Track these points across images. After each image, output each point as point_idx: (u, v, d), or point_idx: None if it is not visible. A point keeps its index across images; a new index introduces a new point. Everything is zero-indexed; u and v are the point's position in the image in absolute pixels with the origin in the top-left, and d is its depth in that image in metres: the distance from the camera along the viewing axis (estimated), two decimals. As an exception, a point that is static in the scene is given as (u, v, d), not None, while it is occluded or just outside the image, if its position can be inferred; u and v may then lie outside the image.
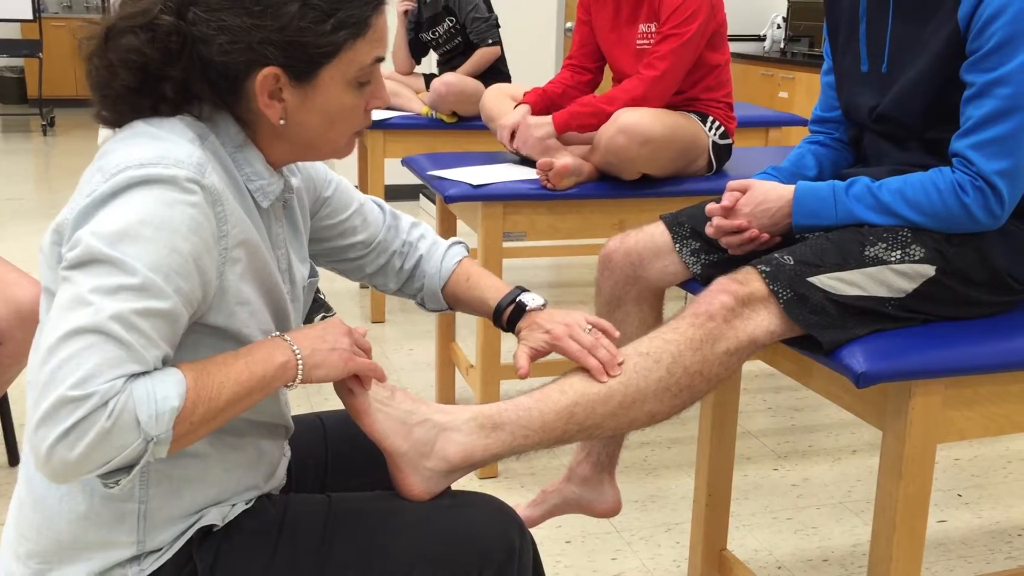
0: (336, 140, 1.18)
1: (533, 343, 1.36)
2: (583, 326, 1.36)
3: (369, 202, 1.45)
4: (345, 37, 1.10)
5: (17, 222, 5.02)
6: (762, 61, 6.10)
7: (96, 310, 0.94)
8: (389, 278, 1.47)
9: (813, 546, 2.30)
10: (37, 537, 1.12)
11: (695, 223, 1.72)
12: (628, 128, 2.38)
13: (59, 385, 0.92)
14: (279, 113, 1.12)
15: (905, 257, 1.46)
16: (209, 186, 1.04)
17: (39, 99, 7.96)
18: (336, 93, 1.13)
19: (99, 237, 0.98)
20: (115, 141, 1.09)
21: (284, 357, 1.09)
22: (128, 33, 1.08)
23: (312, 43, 1.09)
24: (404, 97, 3.82)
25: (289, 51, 1.08)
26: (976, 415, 1.45)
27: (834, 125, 1.80)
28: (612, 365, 1.36)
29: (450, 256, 1.47)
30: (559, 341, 1.35)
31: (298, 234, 1.30)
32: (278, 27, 1.07)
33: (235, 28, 1.06)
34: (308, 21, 1.08)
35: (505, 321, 1.41)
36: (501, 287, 1.43)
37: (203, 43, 1.08)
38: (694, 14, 2.45)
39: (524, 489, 2.51)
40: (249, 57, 1.08)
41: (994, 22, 1.42)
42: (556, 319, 1.37)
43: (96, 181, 1.03)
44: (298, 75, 1.10)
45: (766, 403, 3.13)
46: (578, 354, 1.35)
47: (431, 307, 1.50)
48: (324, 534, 1.17)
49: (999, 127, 1.43)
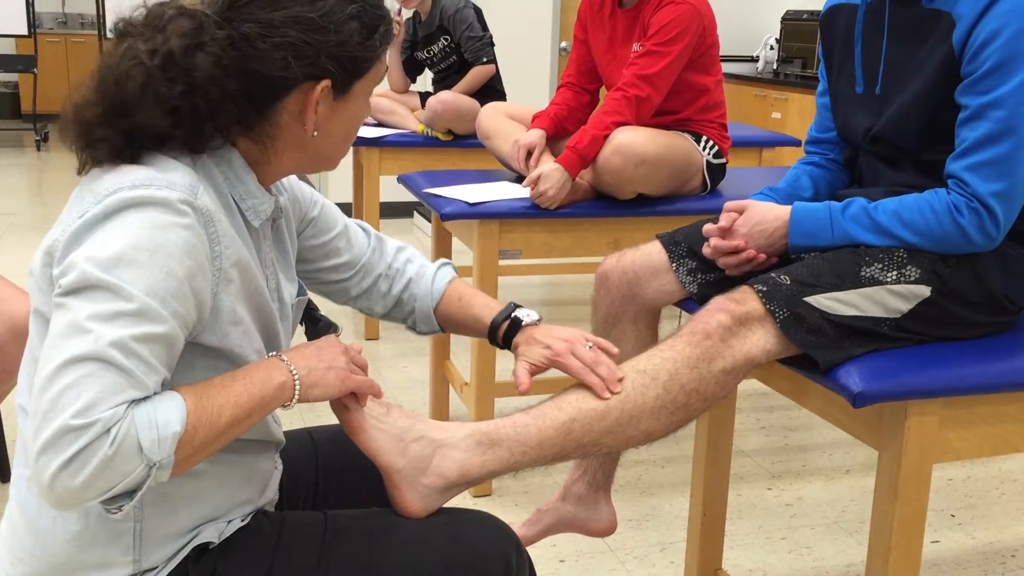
0: (345, 150, 1.22)
1: (532, 358, 1.35)
2: (584, 342, 1.36)
3: (353, 225, 1.46)
4: (380, 51, 1.16)
5: (11, 237, 5.01)
6: (755, 82, 6.13)
7: (95, 337, 0.94)
8: (374, 302, 1.47)
9: (807, 566, 2.29)
10: (31, 559, 1.10)
11: (692, 242, 1.73)
12: (623, 148, 2.38)
13: (60, 414, 0.91)
14: (314, 126, 1.14)
15: (901, 278, 1.47)
16: (202, 207, 1.04)
17: (33, 114, 7.96)
18: (360, 104, 1.18)
19: (94, 262, 0.97)
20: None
21: (282, 378, 1.09)
22: (196, 49, 1.06)
23: (361, 57, 1.13)
24: (399, 115, 3.84)
25: (344, 64, 1.12)
26: (972, 435, 1.46)
27: (829, 146, 1.81)
28: (613, 382, 1.36)
29: (440, 277, 1.47)
30: (560, 357, 1.34)
31: (285, 253, 1.30)
32: (339, 42, 1.11)
33: (298, 44, 1.08)
34: (361, 36, 1.13)
35: (500, 337, 1.40)
36: (494, 304, 1.43)
37: (257, 59, 1.08)
38: (681, 33, 2.45)
39: (518, 507, 2.50)
40: (308, 72, 1.10)
41: (989, 45, 1.43)
42: (555, 334, 1.36)
43: (88, 202, 1.02)
44: (341, 88, 1.14)
45: (759, 422, 3.13)
46: (580, 371, 1.35)
47: (423, 329, 1.49)
48: (321, 551, 1.17)
49: (994, 149, 1.44)
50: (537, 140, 2.63)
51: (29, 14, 7.45)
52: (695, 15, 2.47)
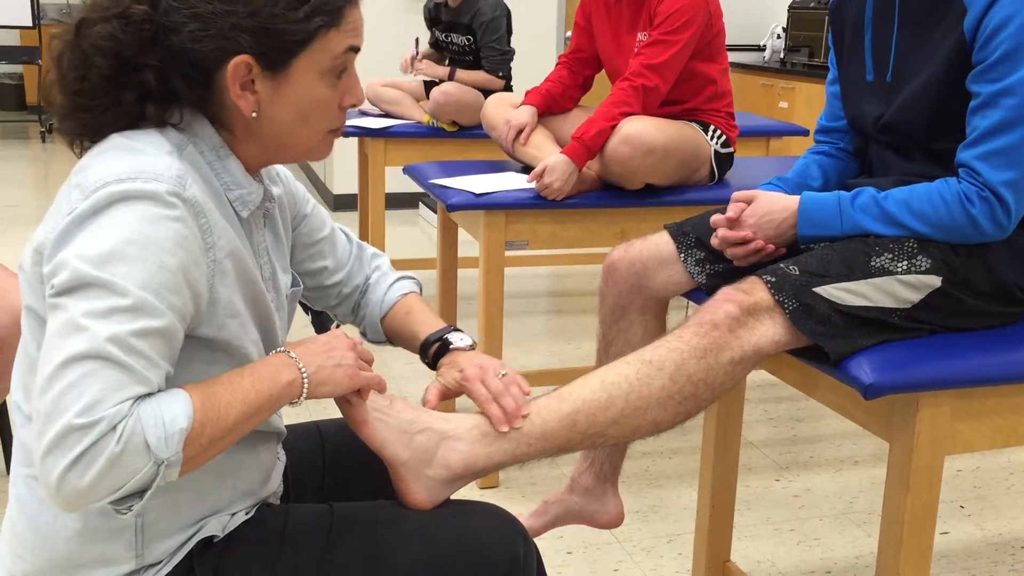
0: (310, 138, 1.15)
1: (445, 380, 1.33)
2: (497, 371, 1.31)
3: (338, 230, 1.44)
4: (318, 25, 1.08)
5: (15, 228, 5.01)
6: (762, 71, 6.10)
7: (92, 335, 0.92)
8: (349, 308, 1.46)
9: (816, 558, 2.28)
10: (32, 557, 1.10)
11: (699, 232, 1.71)
12: (632, 138, 2.37)
13: (63, 414, 0.90)
14: (251, 106, 1.09)
15: (911, 268, 1.45)
16: (190, 198, 1.02)
17: (38, 106, 7.97)
18: (309, 84, 1.10)
19: (85, 260, 0.95)
20: (90, 155, 1.06)
21: (291, 375, 1.08)
22: (101, 22, 1.06)
23: (285, 30, 1.06)
24: (405, 105, 3.82)
25: (261, 38, 1.06)
26: (984, 427, 1.44)
27: (839, 135, 1.79)
28: (514, 416, 1.30)
29: (396, 289, 1.44)
30: (468, 383, 1.30)
31: (280, 243, 1.28)
32: (249, 12, 1.05)
33: (206, 15, 1.04)
34: (281, 7, 1.06)
35: (430, 356, 1.38)
36: (435, 324, 1.40)
37: (175, 32, 1.05)
38: (688, 22, 2.43)
39: (525, 499, 2.49)
40: (220, 44, 1.05)
41: (1000, 32, 1.41)
42: (473, 361, 1.32)
43: (75, 198, 1.00)
44: (271, 64, 1.08)
45: (767, 413, 3.12)
46: (483, 398, 1.29)
47: (371, 338, 1.46)
48: (327, 544, 1.16)
49: (1005, 138, 1.43)
50: (527, 119, 2.64)
51: (33, 5, 7.44)
52: (701, 3, 2.45)
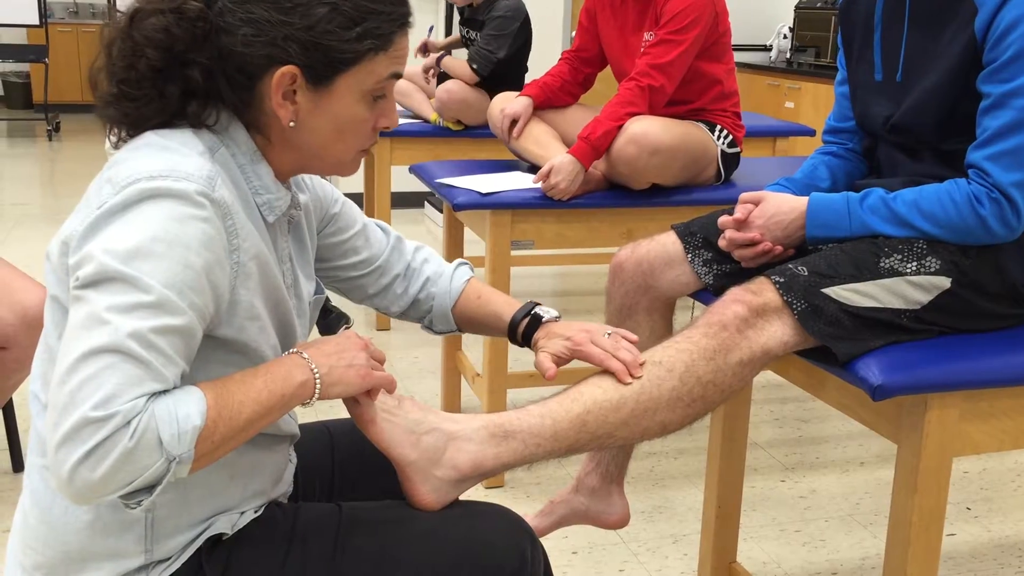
0: (342, 154, 1.18)
1: (553, 349, 1.36)
2: (603, 331, 1.37)
3: (372, 224, 1.45)
4: (367, 47, 1.11)
5: (23, 227, 5.01)
6: (768, 71, 6.09)
7: (113, 329, 0.93)
8: (391, 301, 1.47)
9: (822, 559, 2.28)
10: (43, 548, 1.10)
11: (707, 233, 1.71)
12: (638, 138, 2.37)
13: (80, 405, 0.91)
14: (290, 115, 1.11)
15: (921, 269, 1.45)
16: (219, 199, 1.04)
17: (45, 104, 7.97)
18: (349, 103, 1.13)
19: (112, 254, 0.97)
20: (125, 151, 1.08)
21: (303, 376, 1.09)
22: (156, 14, 1.08)
23: (335, 47, 1.09)
24: (416, 100, 3.80)
25: (311, 52, 1.08)
26: (992, 428, 1.44)
27: (848, 135, 1.79)
28: (635, 366, 1.36)
29: (458, 276, 1.47)
30: (581, 346, 1.35)
31: (304, 251, 1.29)
32: (305, 26, 1.07)
33: (261, 21, 1.07)
34: (335, 25, 1.08)
35: (520, 334, 1.40)
36: (514, 302, 1.44)
37: (227, 33, 1.08)
38: (694, 21, 2.43)
39: (530, 499, 2.49)
40: (270, 52, 1.08)
41: (1011, 33, 1.41)
42: (574, 327, 1.37)
43: (106, 193, 1.02)
44: (316, 78, 1.10)
45: (773, 414, 3.12)
46: (601, 356, 1.35)
47: (439, 328, 1.49)
48: (335, 543, 1.16)
49: (1016, 138, 1.42)
50: (522, 110, 2.65)
51: (40, 4, 7.45)
52: (708, 2, 2.45)
